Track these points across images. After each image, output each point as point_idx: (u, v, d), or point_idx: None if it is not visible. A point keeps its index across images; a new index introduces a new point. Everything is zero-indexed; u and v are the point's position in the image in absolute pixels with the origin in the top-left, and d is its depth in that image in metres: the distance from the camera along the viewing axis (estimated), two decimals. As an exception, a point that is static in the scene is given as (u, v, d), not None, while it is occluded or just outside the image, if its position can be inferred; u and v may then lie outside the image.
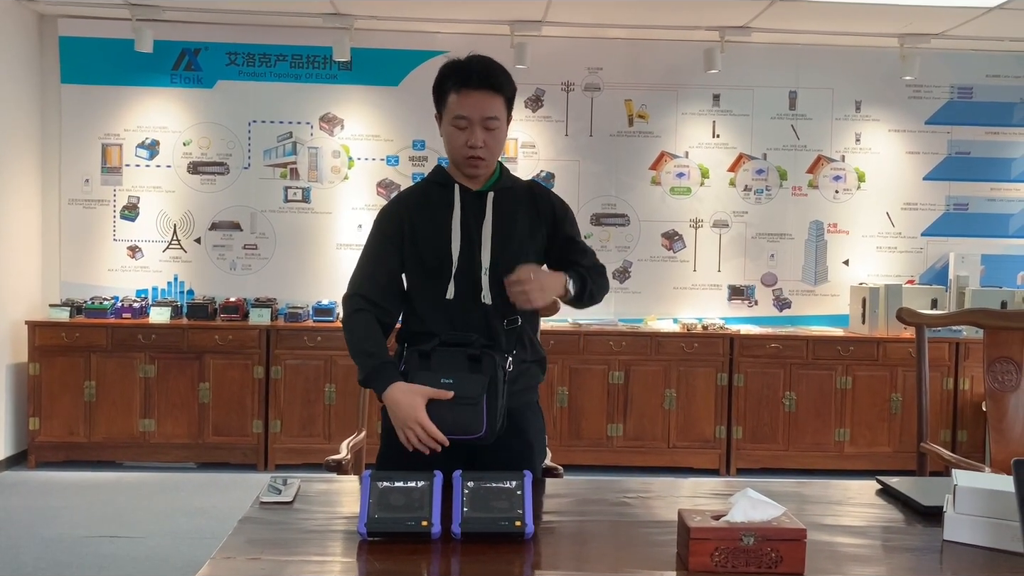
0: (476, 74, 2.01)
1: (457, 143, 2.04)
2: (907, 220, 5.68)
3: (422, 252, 2.08)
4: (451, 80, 2.02)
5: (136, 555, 3.66)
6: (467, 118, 2.01)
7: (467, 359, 1.94)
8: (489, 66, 2.04)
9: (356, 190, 5.52)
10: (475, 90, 2.00)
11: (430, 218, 2.09)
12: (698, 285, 5.64)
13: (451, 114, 2.02)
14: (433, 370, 1.94)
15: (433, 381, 1.91)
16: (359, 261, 2.15)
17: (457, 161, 2.08)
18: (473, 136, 2.01)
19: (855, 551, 1.66)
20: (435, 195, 2.11)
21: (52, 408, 5.01)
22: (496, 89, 2.02)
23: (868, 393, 5.20)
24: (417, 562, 1.57)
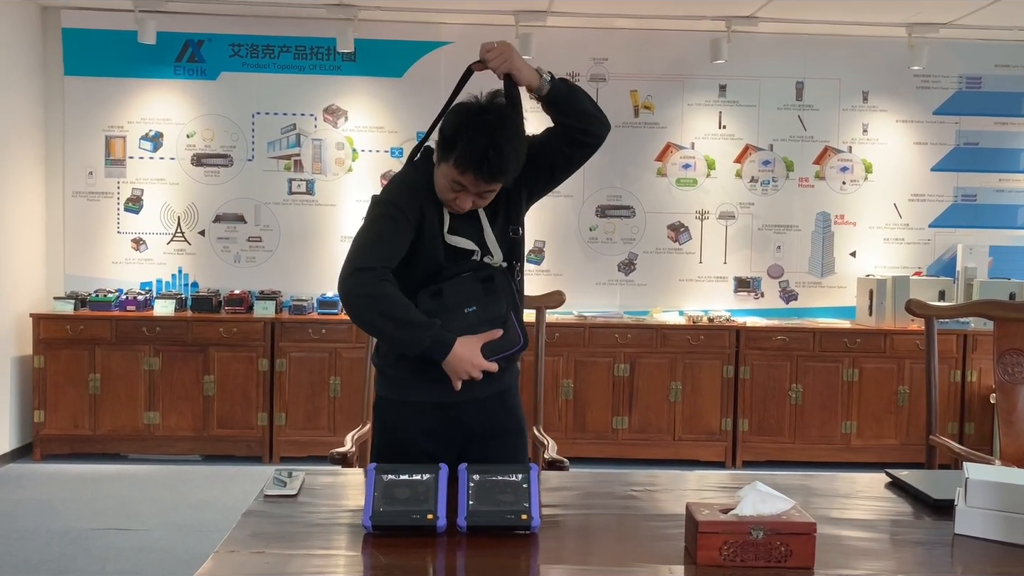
0: (487, 167, 1.85)
1: (445, 195, 1.94)
2: (915, 211, 5.64)
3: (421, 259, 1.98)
4: (460, 153, 1.85)
5: (141, 547, 3.66)
6: (464, 187, 1.91)
7: (480, 283, 1.95)
8: (502, 156, 1.85)
9: (360, 182, 5.50)
10: (478, 178, 1.88)
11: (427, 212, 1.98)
12: (704, 277, 5.61)
13: (449, 174, 1.90)
14: (449, 305, 1.91)
15: (458, 315, 1.90)
16: (369, 237, 1.94)
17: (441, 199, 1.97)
18: (464, 201, 1.94)
19: (865, 545, 1.65)
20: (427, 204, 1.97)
21: (57, 401, 5.01)
22: (501, 179, 1.90)
23: (875, 385, 5.18)
24: (423, 556, 1.56)
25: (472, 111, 1.91)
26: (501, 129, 1.88)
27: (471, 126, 1.87)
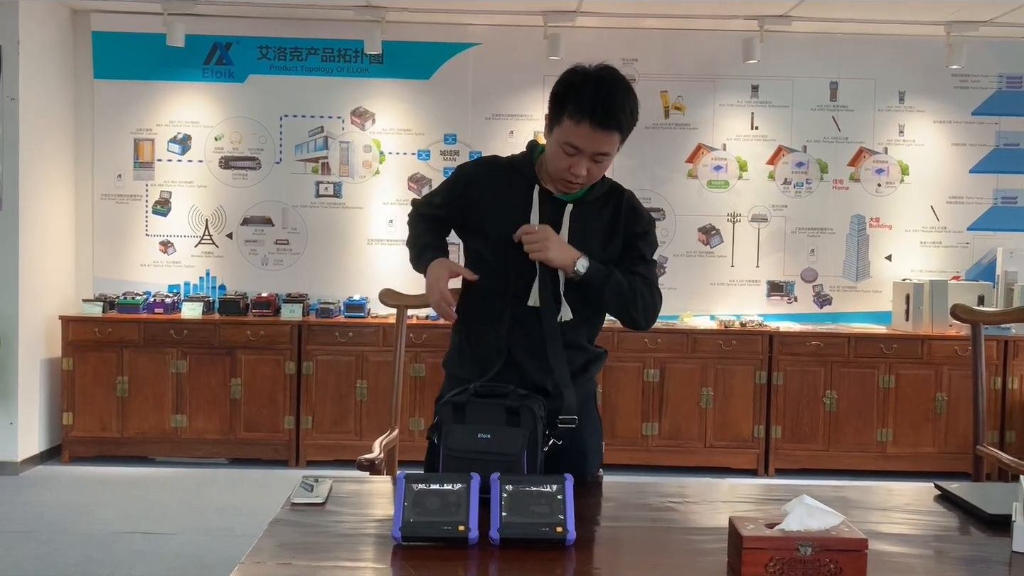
0: (600, 111, 1.85)
1: (559, 164, 1.93)
2: (953, 214, 5.50)
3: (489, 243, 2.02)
4: (572, 104, 1.87)
5: (167, 552, 3.64)
6: (578, 149, 1.90)
7: (505, 412, 1.84)
8: (615, 103, 1.87)
9: (387, 185, 5.47)
10: (593, 128, 1.86)
11: (502, 208, 2.01)
12: (736, 281, 5.51)
13: (562, 137, 1.90)
14: (468, 423, 1.83)
15: (470, 435, 1.80)
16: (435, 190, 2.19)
17: (553, 176, 1.98)
18: (578, 166, 1.92)
19: (917, 563, 1.57)
20: (515, 185, 2.03)
21: (85, 403, 5.02)
22: (616, 129, 1.89)
23: (912, 392, 5.05)
24: (454, 569, 1.50)
25: (581, 70, 1.92)
26: (613, 81, 1.90)
27: (581, 80, 1.89)
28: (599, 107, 1.85)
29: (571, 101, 1.87)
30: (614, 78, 1.90)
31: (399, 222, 5.46)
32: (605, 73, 1.90)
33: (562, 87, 1.91)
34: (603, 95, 1.86)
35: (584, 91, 1.86)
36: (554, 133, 1.93)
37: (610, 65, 1.94)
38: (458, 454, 1.78)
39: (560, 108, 1.89)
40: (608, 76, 1.90)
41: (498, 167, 2.09)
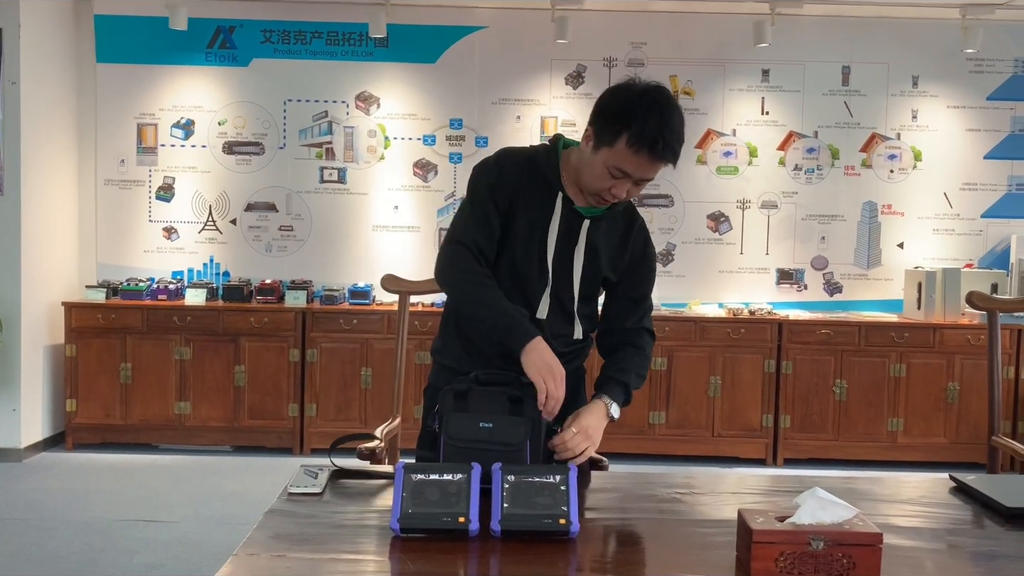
0: (662, 144, 1.78)
1: (600, 184, 1.86)
2: (966, 201, 5.41)
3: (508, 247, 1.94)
4: (633, 131, 1.77)
5: (169, 539, 3.61)
6: (627, 174, 1.83)
7: (507, 400, 1.79)
8: (675, 135, 1.80)
9: (392, 170, 5.41)
10: (652, 159, 1.79)
11: (524, 213, 1.93)
12: (745, 268, 5.44)
13: (612, 160, 1.81)
14: (471, 412, 1.78)
15: (471, 424, 1.75)
16: (464, 212, 1.95)
17: (587, 191, 1.90)
18: (620, 189, 1.85)
19: (934, 558, 1.51)
20: (537, 188, 1.94)
21: (89, 390, 4.99)
22: (673, 161, 1.83)
23: (923, 382, 4.98)
24: (454, 562, 1.46)
25: (637, 91, 1.81)
26: (672, 109, 1.81)
27: (642, 104, 1.78)
28: (661, 139, 1.77)
29: (632, 128, 1.76)
30: (672, 104, 1.82)
31: (404, 208, 5.41)
32: (664, 99, 1.81)
33: (619, 109, 1.80)
34: (665, 125, 1.77)
35: (648, 119, 1.76)
36: (600, 153, 1.82)
37: (662, 86, 1.85)
38: (459, 443, 1.74)
39: (615, 131, 1.79)
40: (667, 103, 1.81)
41: (519, 165, 1.95)
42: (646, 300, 2.08)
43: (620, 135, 1.78)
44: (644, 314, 2.07)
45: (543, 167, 1.94)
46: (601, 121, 1.83)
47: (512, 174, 1.93)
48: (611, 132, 1.79)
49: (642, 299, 2.07)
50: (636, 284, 2.06)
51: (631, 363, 2.01)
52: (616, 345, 2.05)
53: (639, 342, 2.05)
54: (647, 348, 2.06)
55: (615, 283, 2.04)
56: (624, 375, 1.99)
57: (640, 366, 2.03)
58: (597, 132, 1.83)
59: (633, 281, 2.05)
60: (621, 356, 2.03)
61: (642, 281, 2.06)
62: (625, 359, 2.02)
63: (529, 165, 1.95)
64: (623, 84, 1.85)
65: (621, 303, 2.06)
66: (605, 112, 1.82)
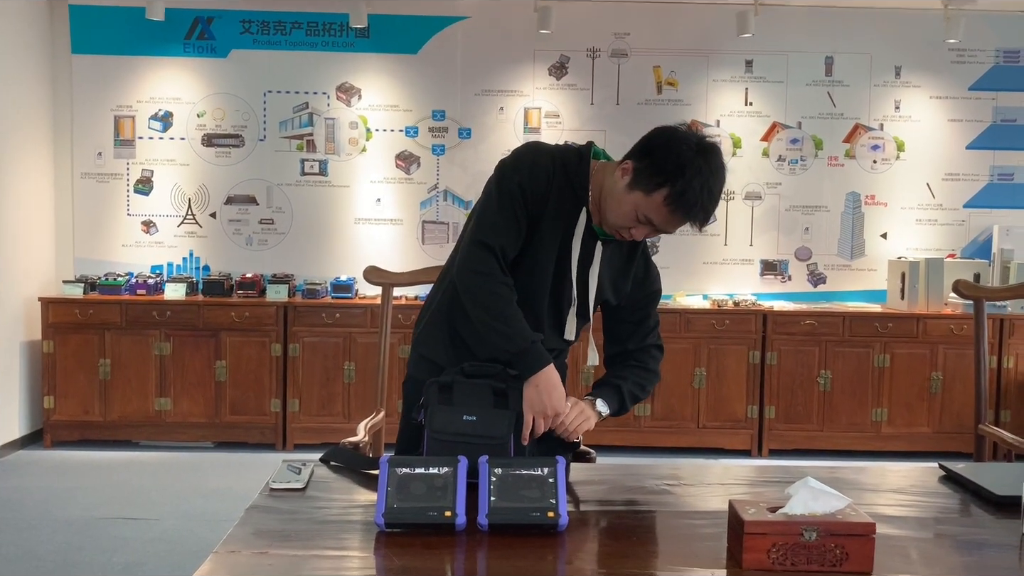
0: (701, 212, 1.74)
1: (622, 222, 1.79)
2: (948, 191, 5.43)
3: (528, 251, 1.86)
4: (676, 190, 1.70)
5: (150, 537, 3.56)
6: (653, 225, 1.78)
7: (492, 393, 1.76)
8: (715, 203, 1.76)
9: (374, 162, 5.36)
10: (684, 220, 1.76)
11: (553, 219, 1.85)
12: (729, 260, 5.43)
13: (643, 207, 1.75)
14: (455, 405, 1.75)
15: (455, 418, 1.73)
16: (492, 210, 1.83)
17: (606, 221, 1.83)
18: (639, 232, 1.80)
19: (925, 547, 1.50)
20: (564, 197, 1.84)
21: (67, 386, 4.92)
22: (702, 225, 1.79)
23: (907, 372, 5.00)
24: (440, 557, 1.42)
25: (693, 145, 1.73)
26: (719, 175, 1.75)
27: (693, 165, 1.70)
28: (701, 208, 1.72)
29: (676, 187, 1.70)
30: (721, 169, 1.75)
31: (386, 201, 5.36)
32: (716, 164, 1.74)
33: (668, 161, 1.71)
34: (708, 192, 1.72)
35: (693, 182, 1.69)
36: (634, 194, 1.75)
37: (717, 146, 1.78)
38: (443, 437, 1.71)
39: (657, 182, 1.71)
40: (718, 167, 1.74)
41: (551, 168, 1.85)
42: (648, 320, 2.01)
43: (661, 188, 1.71)
44: (648, 333, 2.01)
45: (573, 176, 1.85)
46: (646, 164, 1.74)
47: (544, 176, 1.83)
48: (653, 181, 1.72)
49: (643, 321, 2.01)
50: (637, 308, 2.00)
51: (630, 372, 1.98)
52: (619, 361, 2.02)
53: (642, 358, 2.00)
54: (651, 363, 2.01)
55: (615, 306, 1.99)
56: (620, 380, 1.96)
57: (640, 377, 1.98)
58: (637, 173, 1.74)
59: (634, 306, 2.00)
60: (621, 366, 2.00)
61: (643, 305, 2.01)
62: (625, 369, 1.99)
63: (561, 170, 1.85)
64: (678, 132, 1.76)
65: (623, 327, 2.01)
66: (653, 157, 1.73)
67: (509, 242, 1.82)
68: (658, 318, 2.04)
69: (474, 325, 1.85)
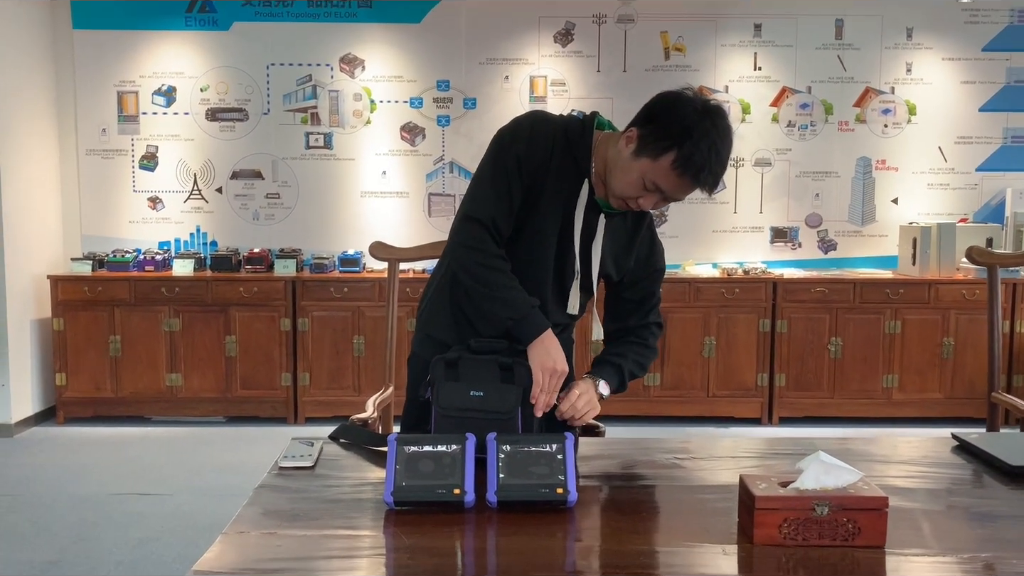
0: (709, 175, 1.69)
1: (630, 191, 1.74)
2: (961, 155, 5.36)
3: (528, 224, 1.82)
4: (682, 153, 1.65)
5: (163, 513, 3.58)
6: (661, 191, 1.72)
7: (498, 368, 1.73)
8: (723, 166, 1.71)
9: (379, 135, 5.32)
10: (692, 184, 1.71)
11: (554, 193, 1.81)
12: (739, 228, 5.39)
13: (649, 174, 1.70)
14: (462, 380, 1.73)
15: (462, 394, 1.71)
16: (485, 182, 1.80)
17: (612, 191, 1.78)
18: (648, 201, 1.75)
19: (938, 519, 1.49)
20: (565, 170, 1.80)
21: (78, 363, 4.94)
22: (712, 189, 1.74)
23: (918, 338, 4.97)
24: (450, 535, 1.42)
25: (698, 107, 1.68)
26: (726, 137, 1.70)
27: (699, 127, 1.66)
28: (707, 168, 1.67)
29: (682, 150, 1.65)
30: (728, 131, 1.70)
31: (392, 173, 5.32)
32: (722, 125, 1.69)
33: (673, 124, 1.67)
34: (715, 154, 1.67)
35: (700, 144, 1.65)
36: (640, 161, 1.70)
37: (722, 108, 1.73)
38: (450, 413, 1.70)
39: (663, 146, 1.67)
40: (724, 129, 1.69)
41: (552, 139, 1.80)
42: (651, 299, 1.99)
43: (667, 152, 1.66)
44: (649, 311, 1.99)
45: (575, 147, 1.80)
46: (650, 129, 1.69)
47: (544, 148, 1.79)
48: (658, 146, 1.67)
49: (646, 299, 1.98)
50: (640, 286, 1.97)
51: (629, 350, 1.95)
52: (619, 338, 1.99)
53: (642, 335, 1.98)
54: (650, 340, 1.99)
55: (617, 283, 1.96)
56: (620, 359, 1.93)
57: (640, 355, 1.96)
58: (642, 139, 1.70)
59: (637, 284, 1.97)
60: (620, 343, 1.97)
61: (646, 283, 1.98)
62: (624, 346, 1.96)
63: (563, 140, 1.80)
64: (683, 96, 1.70)
65: (624, 304, 1.98)
66: (657, 122, 1.69)
67: (501, 216, 1.79)
68: (660, 296, 2.01)
69: (472, 299, 1.83)
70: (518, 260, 1.83)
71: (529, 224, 1.83)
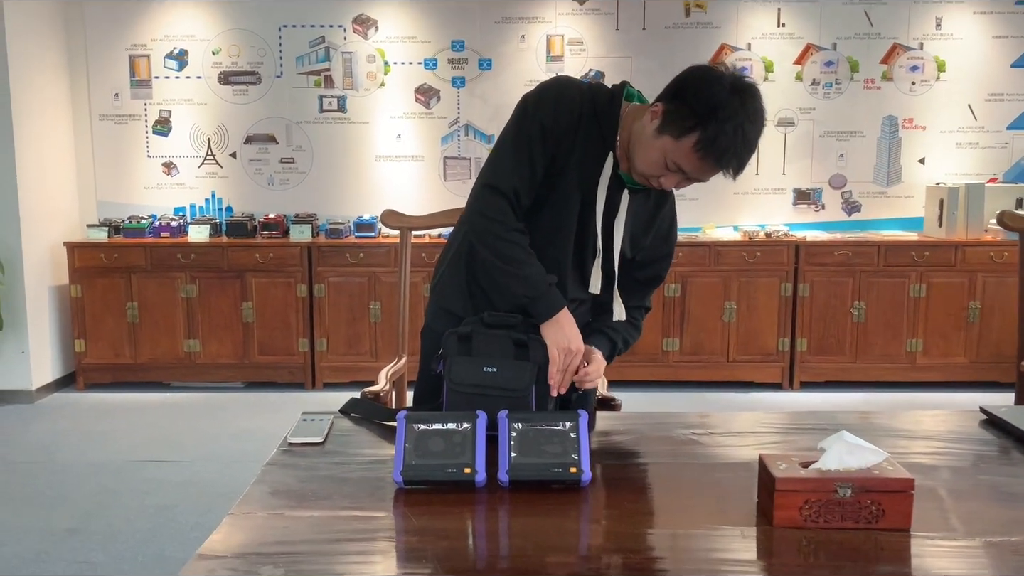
0: (734, 159, 1.59)
1: (651, 170, 1.66)
2: (991, 112, 5.20)
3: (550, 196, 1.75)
4: (707, 135, 1.56)
5: (182, 480, 3.60)
6: (684, 173, 1.63)
7: (512, 344, 1.68)
8: (750, 150, 1.60)
9: (393, 97, 5.23)
10: (715, 167, 1.61)
11: (579, 165, 1.74)
12: (761, 190, 5.28)
13: (671, 153, 1.61)
14: (474, 355, 1.68)
15: (475, 369, 1.66)
16: (507, 150, 1.73)
17: (635, 168, 1.69)
18: (669, 181, 1.66)
19: (965, 500, 1.43)
20: (591, 140, 1.72)
21: (96, 330, 4.96)
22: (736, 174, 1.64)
23: (943, 301, 4.87)
24: (460, 515, 1.39)
25: (727, 85, 1.58)
26: (755, 119, 1.59)
27: (727, 107, 1.55)
28: (732, 151, 1.57)
29: (707, 131, 1.55)
30: (758, 113, 1.59)
31: (407, 137, 5.25)
32: (752, 107, 1.58)
33: (700, 102, 1.57)
34: (742, 137, 1.56)
35: (726, 126, 1.54)
36: (663, 139, 1.61)
37: (754, 85, 1.62)
38: (462, 388, 1.66)
39: (687, 126, 1.57)
40: (754, 111, 1.58)
41: (579, 108, 1.72)
42: (656, 282, 1.93)
43: (691, 132, 1.57)
44: (649, 293, 1.95)
45: (601, 116, 1.72)
46: (676, 106, 1.59)
47: (570, 114, 1.71)
48: (682, 125, 1.58)
49: (652, 281, 1.93)
50: (651, 267, 1.90)
51: (622, 327, 1.89)
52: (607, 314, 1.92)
53: (636, 315, 1.93)
54: (639, 322, 1.94)
55: (628, 260, 1.87)
56: (614, 333, 1.87)
57: (630, 335, 1.91)
58: (667, 116, 1.60)
59: (648, 265, 1.90)
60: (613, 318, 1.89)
61: (657, 266, 1.91)
62: (618, 323, 1.89)
63: (590, 108, 1.72)
64: (713, 72, 1.61)
65: (631, 284, 1.90)
66: (683, 98, 1.59)
67: (523, 186, 1.72)
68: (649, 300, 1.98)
69: (488, 272, 1.77)
70: (539, 232, 1.77)
71: (551, 195, 1.76)
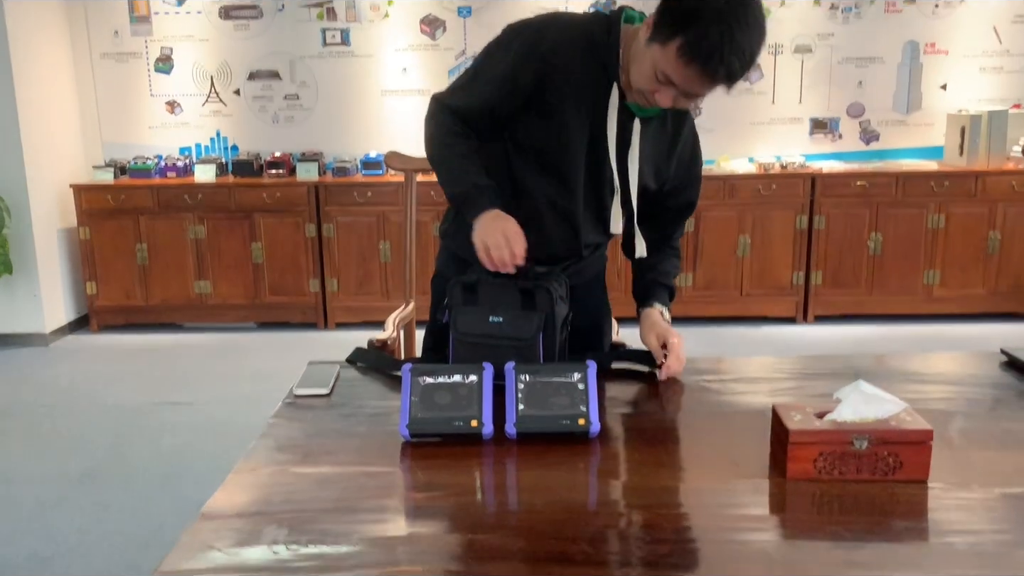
0: (721, 65, 1.44)
1: (644, 84, 1.56)
2: (1018, 35, 5.01)
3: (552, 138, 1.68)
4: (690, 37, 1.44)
5: (195, 423, 3.63)
6: (673, 84, 1.52)
7: (519, 293, 1.63)
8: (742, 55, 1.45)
9: (398, 29, 5.09)
10: (702, 75, 1.47)
11: (580, 102, 1.65)
12: (777, 119, 5.15)
13: (659, 63, 1.50)
14: (480, 305, 1.64)
15: (481, 319, 1.62)
16: (470, 75, 1.70)
17: (633, 84, 1.59)
18: (664, 97, 1.55)
19: (985, 448, 1.40)
20: (590, 73, 1.64)
21: (107, 272, 4.95)
22: (729, 84, 1.50)
23: (962, 232, 4.78)
24: (468, 468, 1.37)
25: None
26: (746, 21, 1.45)
27: (710, 8, 1.44)
28: (718, 55, 1.43)
29: (689, 34, 1.44)
30: (749, 15, 1.45)
31: (412, 70, 5.12)
32: (744, 12, 1.44)
33: (684, 4, 1.47)
34: (729, 40, 1.43)
35: (710, 28, 1.42)
36: (651, 49, 1.51)
37: None
38: (468, 339, 1.63)
39: (671, 31, 1.47)
40: (743, 13, 1.44)
41: (573, 46, 1.64)
42: (690, 209, 1.88)
43: (674, 37, 1.46)
44: (685, 220, 1.91)
45: (600, 47, 1.63)
46: (663, 11, 1.50)
47: (563, 56, 1.62)
48: (667, 30, 1.47)
49: (685, 209, 1.87)
50: (683, 195, 1.84)
51: (670, 264, 1.87)
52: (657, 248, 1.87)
53: (676, 243, 1.91)
54: (679, 248, 1.93)
55: (656, 191, 1.80)
56: (667, 278, 1.86)
57: (676, 267, 1.90)
58: (655, 23, 1.51)
59: (679, 192, 1.84)
60: (660, 259, 1.86)
61: (689, 192, 1.85)
62: (665, 261, 1.86)
63: (585, 45, 1.63)
64: None
65: (665, 214, 1.85)
66: (670, 3, 1.50)
67: (472, 112, 1.68)
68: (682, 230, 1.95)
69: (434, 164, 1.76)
70: (546, 182, 1.71)
71: (554, 141, 1.68)
